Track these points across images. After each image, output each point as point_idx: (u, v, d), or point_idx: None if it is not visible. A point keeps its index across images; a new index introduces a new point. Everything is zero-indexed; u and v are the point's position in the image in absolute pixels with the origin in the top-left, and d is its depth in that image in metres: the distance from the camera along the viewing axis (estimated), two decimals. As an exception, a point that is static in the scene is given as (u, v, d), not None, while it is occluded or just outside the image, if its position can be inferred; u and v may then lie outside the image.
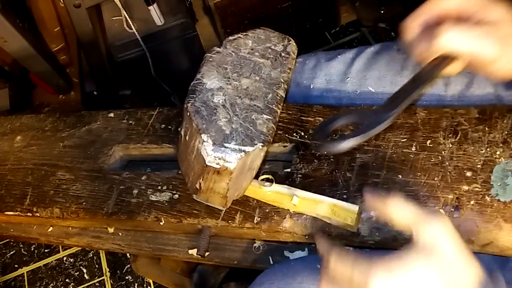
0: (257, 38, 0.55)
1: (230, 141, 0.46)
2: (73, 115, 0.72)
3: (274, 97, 0.50)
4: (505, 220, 0.48)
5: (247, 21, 1.54)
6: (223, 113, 0.48)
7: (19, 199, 0.65)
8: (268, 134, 0.48)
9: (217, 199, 0.53)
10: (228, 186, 0.49)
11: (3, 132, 0.74)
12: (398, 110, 0.45)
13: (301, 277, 0.56)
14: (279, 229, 0.54)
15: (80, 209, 0.61)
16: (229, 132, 0.47)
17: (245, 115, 0.48)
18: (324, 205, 0.52)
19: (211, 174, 0.48)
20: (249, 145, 0.46)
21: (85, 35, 1.33)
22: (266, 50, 0.54)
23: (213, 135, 0.46)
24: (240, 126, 0.47)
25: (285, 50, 0.54)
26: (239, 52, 0.54)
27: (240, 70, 0.52)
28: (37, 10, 1.55)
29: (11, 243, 1.51)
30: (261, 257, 0.65)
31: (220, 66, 0.52)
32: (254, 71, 0.52)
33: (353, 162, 0.55)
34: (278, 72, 0.52)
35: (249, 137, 0.47)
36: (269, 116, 0.49)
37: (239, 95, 0.50)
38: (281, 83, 0.52)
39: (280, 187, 0.54)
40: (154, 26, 1.34)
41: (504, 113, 0.54)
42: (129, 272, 1.39)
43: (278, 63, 0.53)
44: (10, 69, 1.48)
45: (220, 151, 0.46)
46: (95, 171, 0.64)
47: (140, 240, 0.69)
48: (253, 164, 0.49)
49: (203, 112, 0.48)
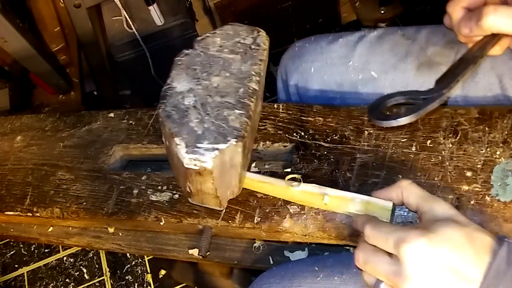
0: (225, 35, 0.54)
1: (202, 141, 0.46)
2: (73, 115, 0.72)
3: (246, 91, 0.49)
4: (505, 220, 0.48)
5: (247, 21, 1.54)
6: (194, 114, 0.48)
7: (19, 199, 0.65)
8: (241, 128, 0.47)
9: (211, 200, 0.53)
10: (215, 186, 0.49)
11: (3, 132, 0.74)
12: (448, 90, 0.47)
13: (299, 280, 0.56)
14: (279, 229, 0.54)
15: (80, 209, 0.61)
16: (201, 132, 0.46)
17: (217, 113, 0.48)
18: (356, 202, 0.51)
19: (194, 176, 0.48)
20: (222, 142, 0.46)
21: (85, 35, 1.33)
22: (235, 45, 0.53)
23: (186, 137, 0.46)
24: (212, 124, 0.47)
25: (254, 42, 0.53)
26: (207, 51, 0.53)
27: (210, 69, 0.52)
28: (37, 10, 1.55)
29: (11, 243, 1.51)
30: (261, 257, 0.65)
31: (189, 68, 0.52)
32: (224, 68, 0.51)
33: (353, 162, 0.55)
34: (249, 65, 0.51)
35: (222, 134, 0.46)
36: (241, 110, 0.48)
37: (210, 94, 0.50)
38: (253, 76, 0.51)
39: (309, 186, 0.53)
40: (154, 26, 1.34)
41: (504, 113, 0.54)
42: (129, 272, 1.39)
43: (249, 56, 0.52)
44: (10, 69, 1.48)
45: (194, 152, 0.45)
46: (95, 171, 0.64)
47: (140, 240, 0.69)
48: (233, 161, 0.48)
49: (174, 116, 0.48)
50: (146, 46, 1.34)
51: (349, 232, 0.52)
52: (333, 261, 0.57)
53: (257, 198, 0.56)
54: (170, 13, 1.35)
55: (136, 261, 1.40)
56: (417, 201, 0.46)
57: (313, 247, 0.67)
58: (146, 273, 1.37)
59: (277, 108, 0.63)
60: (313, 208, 0.53)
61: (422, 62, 0.64)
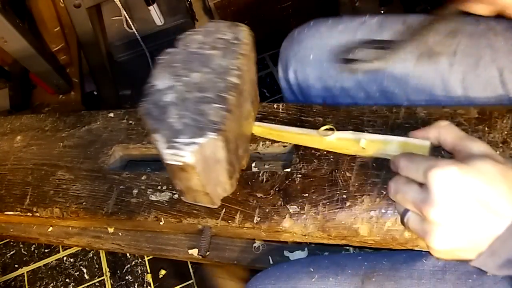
0: (206, 32, 0.54)
1: (181, 135, 0.46)
2: (73, 115, 0.72)
3: (225, 85, 0.49)
4: (505, 220, 0.48)
5: (247, 21, 1.54)
6: (173, 110, 0.48)
7: (19, 199, 0.65)
8: (219, 122, 0.47)
9: (202, 198, 0.53)
10: (201, 182, 0.49)
11: (3, 132, 0.74)
12: (411, 40, 0.49)
13: (294, 281, 0.56)
14: (279, 229, 0.54)
15: (80, 209, 0.61)
16: (180, 127, 0.47)
17: (196, 108, 0.48)
18: (393, 144, 0.52)
19: (178, 172, 0.48)
20: (200, 136, 0.46)
21: (85, 35, 1.33)
22: (216, 42, 0.53)
23: (165, 133, 0.46)
24: (191, 119, 0.47)
25: (235, 37, 0.53)
26: (188, 49, 0.53)
27: (190, 65, 0.52)
28: (37, 10, 1.55)
29: (11, 243, 1.51)
30: (261, 257, 0.65)
31: (170, 66, 0.52)
32: (204, 64, 0.51)
33: (353, 162, 0.55)
34: (229, 60, 0.51)
35: (200, 128, 0.46)
36: (220, 104, 0.48)
37: (190, 90, 0.50)
38: (232, 70, 0.50)
39: (344, 133, 0.54)
40: (154, 26, 1.34)
41: (503, 113, 0.54)
42: (129, 272, 1.39)
43: (229, 51, 0.52)
44: (10, 69, 1.48)
45: (172, 147, 0.46)
46: (95, 171, 0.64)
47: (140, 240, 0.69)
48: (217, 156, 0.48)
49: (154, 113, 0.48)
50: (146, 46, 1.34)
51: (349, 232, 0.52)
52: (328, 262, 0.57)
53: (256, 198, 0.56)
54: (170, 13, 1.35)
55: (136, 261, 1.40)
56: (454, 140, 0.45)
57: (313, 247, 0.67)
58: (146, 273, 1.38)
59: (276, 108, 0.63)
60: (312, 208, 0.53)
61: (422, 51, 0.63)
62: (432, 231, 0.40)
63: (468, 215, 0.39)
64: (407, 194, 0.43)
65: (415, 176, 0.42)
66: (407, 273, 0.52)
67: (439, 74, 0.63)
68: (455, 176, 0.39)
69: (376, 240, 0.51)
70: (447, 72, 0.62)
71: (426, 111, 0.57)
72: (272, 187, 0.56)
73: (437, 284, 0.50)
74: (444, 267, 0.51)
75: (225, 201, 0.56)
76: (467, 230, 0.39)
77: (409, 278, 0.52)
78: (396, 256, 0.55)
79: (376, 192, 0.52)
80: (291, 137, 0.58)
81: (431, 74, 0.63)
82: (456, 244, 0.40)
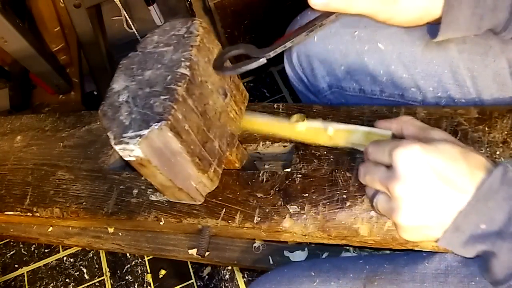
0: (162, 31, 0.55)
1: (128, 131, 0.46)
2: (73, 115, 0.72)
3: (173, 77, 0.49)
4: (505, 220, 0.48)
5: (247, 21, 1.54)
6: (125, 108, 0.49)
7: (19, 199, 0.65)
8: (164, 112, 0.47)
9: (179, 194, 0.53)
10: (167, 177, 0.49)
11: (3, 132, 0.74)
12: (272, 52, 0.51)
13: (295, 285, 0.55)
14: (279, 229, 0.54)
15: (80, 209, 0.61)
16: (128, 123, 0.47)
17: (144, 103, 0.48)
18: (358, 133, 0.54)
19: (140, 168, 0.49)
20: (145, 128, 0.46)
21: (85, 35, 1.33)
22: (170, 39, 0.53)
23: (115, 130, 0.47)
24: (138, 114, 0.48)
25: (188, 31, 0.53)
26: (145, 50, 0.54)
27: (145, 65, 0.52)
28: (37, 10, 1.55)
29: (11, 243, 1.51)
30: (261, 257, 0.65)
31: (128, 69, 0.53)
32: (157, 61, 0.52)
33: (353, 162, 0.55)
34: (180, 53, 0.51)
35: (145, 121, 0.47)
36: (166, 96, 0.48)
37: (141, 87, 0.50)
38: (182, 62, 0.50)
39: (313, 122, 0.56)
40: (154, 26, 1.34)
41: (504, 113, 0.54)
42: (129, 272, 1.39)
43: (181, 45, 0.52)
44: (10, 69, 1.48)
45: (120, 142, 0.46)
46: (95, 171, 0.64)
47: (140, 240, 0.69)
48: (172, 148, 0.48)
49: (108, 113, 0.49)
50: (146, 46, 1.34)
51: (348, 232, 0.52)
52: (329, 265, 0.57)
53: (257, 198, 0.56)
54: (170, 13, 1.36)
55: (136, 261, 1.40)
56: (416, 130, 0.48)
57: (313, 247, 0.67)
58: (146, 273, 1.38)
59: (277, 108, 0.63)
60: (312, 208, 0.53)
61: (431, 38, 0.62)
62: (399, 207, 0.42)
63: (431, 190, 0.41)
64: (375, 174, 0.45)
65: (382, 159, 0.44)
66: (409, 276, 0.52)
67: (447, 61, 0.61)
68: (418, 153, 0.41)
69: (376, 240, 0.51)
70: (456, 59, 0.61)
71: (426, 111, 0.57)
72: (272, 187, 0.56)
73: (439, 287, 0.50)
74: (446, 269, 0.51)
75: (225, 201, 0.56)
76: (431, 205, 0.41)
77: (412, 282, 0.52)
78: (397, 259, 0.55)
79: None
80: (263, 125, 0.59)
81: (440, 60, 0.62)
82: (421, 220, 0.42)
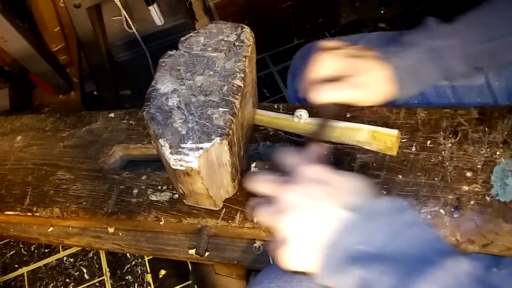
0: (209, 33, 0.54)
1: (186, 141, 0.46)
2: (73, 115, 0.72)
3: (230, 88, 0.49)
4: (505, 220, 0.48)
5: (247, 21, 1.54)
6: (178, 114, 0.48)
7: (19, 199, 0.65)
8: (225, 126, 0.47)
9: (205, 200, 0.53)
10: (205, 186, 0.49)
11: (3, 132, 0.74)
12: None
13: (300, 276, 0.56)
14: (279, 229, 0.54)
15: (80, 209, 0.61)
16: (185, 132, 0.46)
17: (201, 112, 0.48)
18: (364, 132, 0.55)
19: (183, 177, 0.48)
20: (207, 141, 0.45)
21: (85, 35, 1.33)
22: (219, 43, 0.53)
23: (170, 138, 0.46)
24: (196, 124, 0.47)
25: (238, 39, 0.53)
26: (191, 51, 0.53)
27: (193, 68, 0.51)
28: (37, 10, 1.55)
29: (11, 243, 1.51)
30: (261, 257, 0.65)
31: (173, 69, 0.51)
32: (208, 67, 0.51)
33: (353, 162, 0.55)
34: (233, 63, 0.51)
35: (206, 133, 0.46)
36: (225, 108, 0.48)
37: (194, 93, 0.49)
38: (236, 73, 0.50)
39: (316, 119, 0.58)
40: (154, 26, 1.34)
41: (504, 114, 0.54)
42: (129, 272, 1.39)
43: (232, 53, 0.52)
44: (10, 69, 1.48)
45: (178, 153, 0.45)
46: (95, 171, 0.64)
47: (140, 240, 0.69)
48: (221, 160, 0.48)
49: (158, 118, 0.48)
50: (146, 46, 1.34)
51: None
52: None
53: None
54: (170, 13, 1.35)
55: (136, 261, 1.40)
56: (271, 187, 0.48)
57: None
58: (146, 273, 1.38)
59: (277, 108, 0.63)
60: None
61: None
62: (287, 210, 0.43)
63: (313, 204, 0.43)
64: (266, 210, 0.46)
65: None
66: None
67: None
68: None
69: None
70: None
71: (426, 111, 0.57)
72: (273, 187, 0.56)
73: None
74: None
75: (225, 201, 0.56)
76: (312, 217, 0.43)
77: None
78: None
79: (376, 192, 0.52)
80: (269, 121, 0.61)
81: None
82: (302, 228, 0.43)
